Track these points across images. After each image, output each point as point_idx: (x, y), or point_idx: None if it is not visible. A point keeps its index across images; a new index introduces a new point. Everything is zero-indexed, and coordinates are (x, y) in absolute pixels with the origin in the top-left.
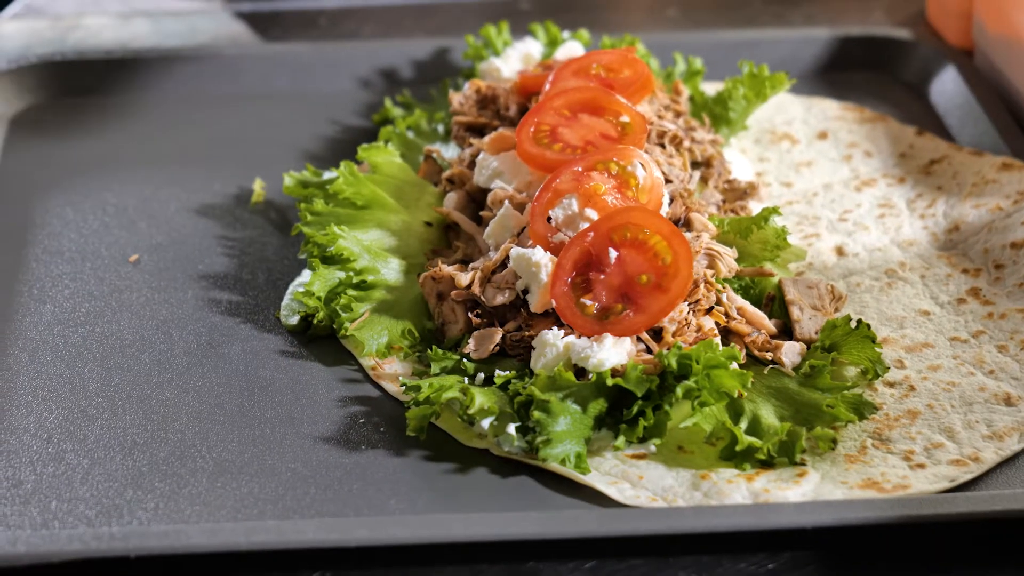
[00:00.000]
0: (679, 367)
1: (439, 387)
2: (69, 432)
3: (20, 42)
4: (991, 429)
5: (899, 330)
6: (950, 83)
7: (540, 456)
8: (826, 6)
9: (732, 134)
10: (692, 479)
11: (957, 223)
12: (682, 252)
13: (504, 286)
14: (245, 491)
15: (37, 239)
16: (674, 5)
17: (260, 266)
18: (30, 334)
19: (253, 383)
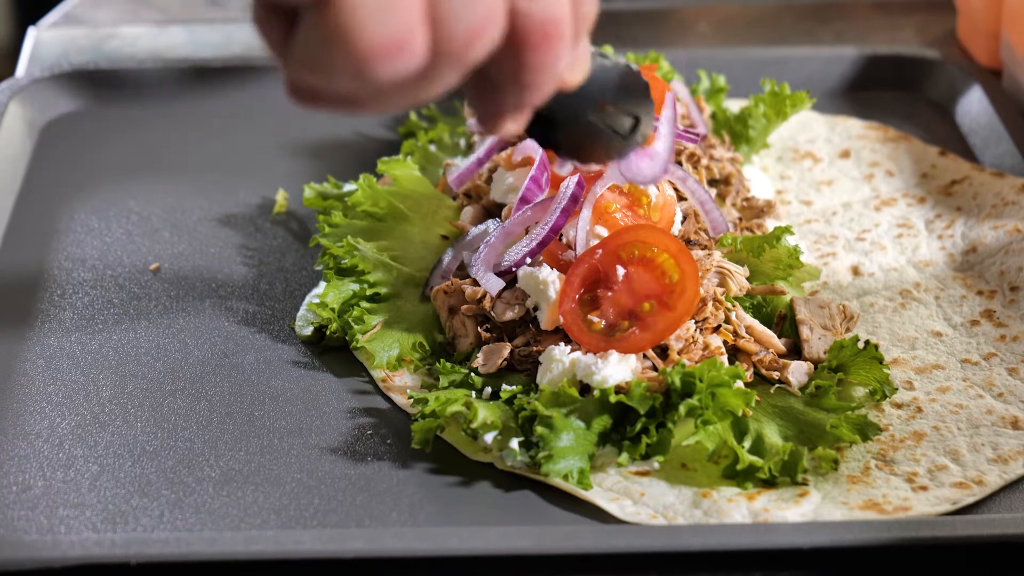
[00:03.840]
0: (683, 385)
1: (445, 400)
2: (80, 438)
3: (56, 50)
4: (996, 452)
5: (910, 351)
6: (976, 103)
7: (543, 471)
8: (856, 23)
9: (753, 152)
10: (693, 497)
11: (975, 244)
12: (689, 270)
13: (514, 302)
14: (250, 500)
15: (61, 245)
16: (705, 21)
17: (278, 276)
18: (48, 340)
19: (264, 393)
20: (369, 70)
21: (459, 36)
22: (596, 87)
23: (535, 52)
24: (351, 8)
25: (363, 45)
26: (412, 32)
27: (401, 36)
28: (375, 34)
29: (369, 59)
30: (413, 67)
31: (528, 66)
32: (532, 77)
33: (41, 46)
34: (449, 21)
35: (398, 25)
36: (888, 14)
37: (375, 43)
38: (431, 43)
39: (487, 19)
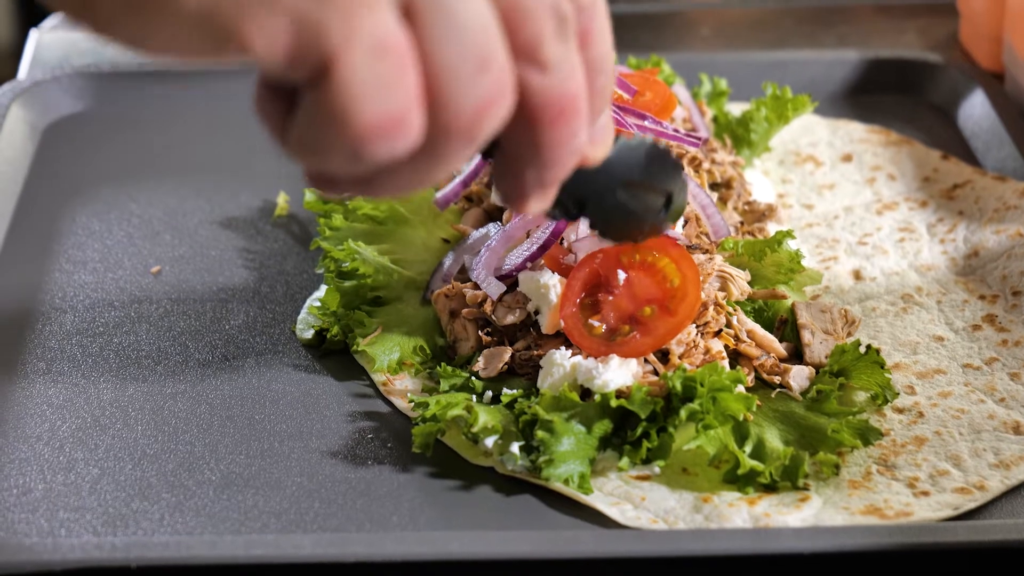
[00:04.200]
0: (684, 389)
1: (446, 404)
2: (81, 441)
3: (58, 52)
4: (998, 457)
5: (912, 355)
6: (978, 107)
7: (543, 476)
8: (859, 27)
9: (754, 155)
10: (694, 501)
11: (977, 248)
12: (690, 275)
13: (515, 306)
14: (250, 504)
15: (62, 248)
16: (708, 25)
17: (279, 279)
18: (49, 343)
19: (265, 396)
20: (365, 149)
21: (463, 113)
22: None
23: (550, 129)
24: (349, 85)
25: (359, 123)
26: (408, 110)
27: (397, 114)
28: (371, 112)
29: (364, 138)
30: (409, 146)
31: (544, 143)
32: (550, 154)
33: (43, 48)
34: (451, 98)
35: (395, 103)
36: (890, 17)
37: (371, 121)
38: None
39: (493, 96)
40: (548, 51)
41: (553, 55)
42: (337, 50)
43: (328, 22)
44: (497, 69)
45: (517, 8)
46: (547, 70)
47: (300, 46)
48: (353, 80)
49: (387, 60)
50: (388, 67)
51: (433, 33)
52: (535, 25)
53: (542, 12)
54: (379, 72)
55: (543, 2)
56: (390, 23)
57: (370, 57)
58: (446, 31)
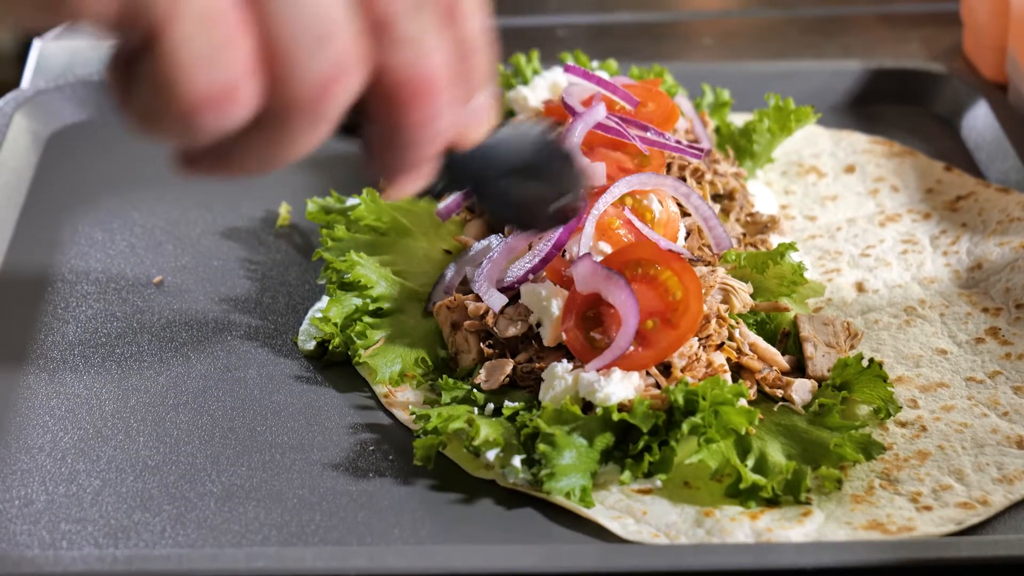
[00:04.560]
0: (686, 403)
1: (447, 417)
2: (83, 452)
3: (62, 61)
4: (1001, 472)
5: (915, 369)
6: (981, 118)
7: (544, 489)
8: (862, 37)
9: (757, 166)
10: (696, 516)
11: (980, 261)
12: (692, 288)
13: (517, 318)
14: (251, 516)
15: (65, 258)
16: (710, 34)
17: (281, 290)
18: (51, 354)
19: (266, 407)
20: (195, 119)
21: (303, 88)
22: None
23: (408, 110)
24: (176, 53)
25: (187, 92)
26: (240, 81)
27: (226, 85)
28: (199, 82)
29: (193, 108)
30: (242, 117)
31: (403, 124)
32: (410, 135)
33: (46, 57)
34: (290, 72)
35: (224, 74)
36: (894, 28)
37: (199, 91)
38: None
39: (335, 71)
40: (403, 27)
41: (408, 32)
42: (165, 17)
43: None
44: (340, 44)
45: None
46: (401, 47)
47: (128, 11)
48: (180, 49)
49: (216, 30)
50: (217, 37)
51: (270, 5)
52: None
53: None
54: (208, 41)
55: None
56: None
57: (199, 26)
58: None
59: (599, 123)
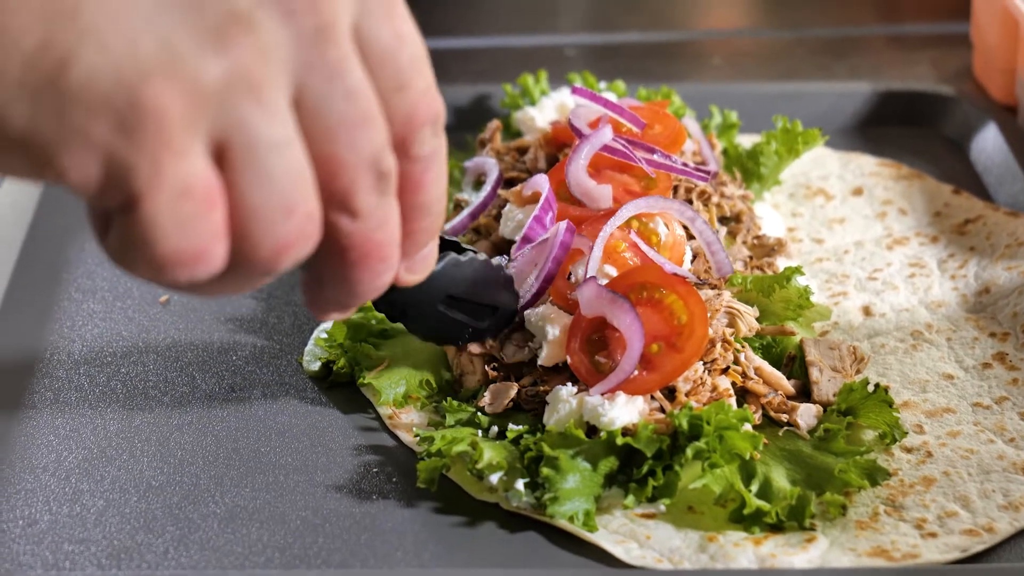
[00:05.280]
0: (690, 428)
1: (451, 440)
2: (87, 472)
3: None
4: (1007, 499)
5: (921, 394)
6: (990, 140)
7: (548, 513)
8: (871, 58)
9: (764, 189)
10: (700, 541)
11: (988, 285)
12: (697, 312)
13: (522, 344)
14: (254, 538)
15: (72, 277)
16: (719, 54)
17: (287, 310)
18: (57, 373)
19: (271, 428)
20: (166, 274)
21: (263, 251)
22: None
23: (355, 269)
24: (152, 222)
25: (159, 254)
26: (212, 245)
27: (200, 249)
28: (173, 246)
29: (165, 267)
30: (211, 274)
31: (347, 278)
32: (351, 287)
33: None
34: (254, 237)
35: (197, 239)
36: (903, 49)
37: (173, 253)
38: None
39: (294, 239)
40: (360, 202)
41: (365, 205)
42: (142, 190)
43: (135, 164)
44: (302, 216)
45: (333, 160)
46: (357, 218)
47: (109, 182)
48: (156, 218)
49: (191, 202)
50: (192, 208)
51: (243, 179)
52: (349, 177)
53: (359, 166)
54: (182, 212)
55: (361, 157)
56: (199, 167)
57: (174, 199)
58: (255, 178)
59: (606, 145)
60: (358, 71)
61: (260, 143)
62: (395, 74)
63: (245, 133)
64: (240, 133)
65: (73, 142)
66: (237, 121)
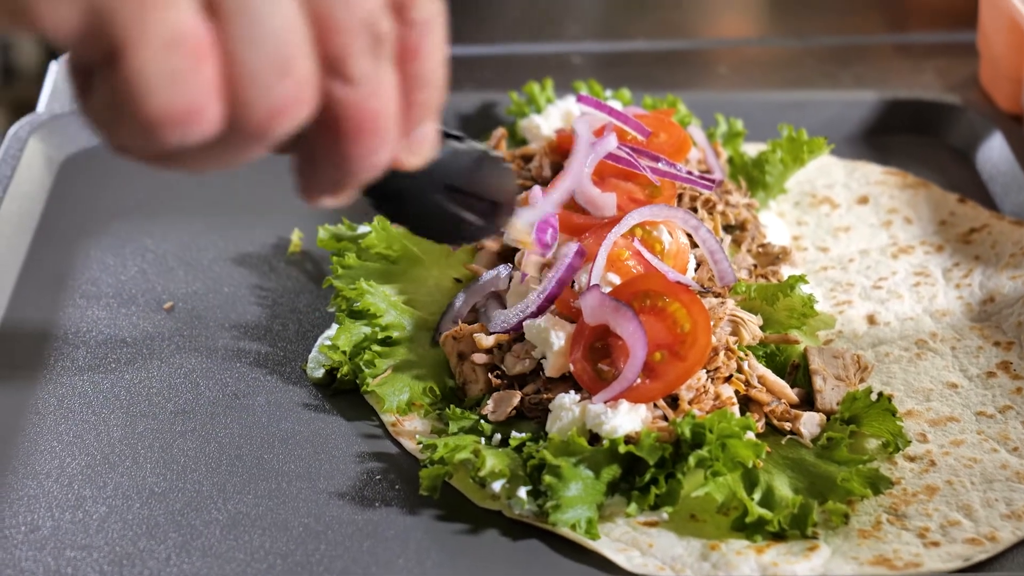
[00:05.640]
0: (693, 436)
1: (454, 447)
2: (90, 479)
3: None
4: (1010, 508)
5: (925, 403)
6: (996, 149)
7: (550, 520)
8: (878, 67)
9: (770, 197)
10: (702, 549)
11: (992, 294)
12: (701, 320)
13: (524, 356)
14: (257, 545)
15: (76, 283)
16: (726, 63)
17: (291, 317)
18: (61, 379)
19: (274, 435)
20: (157, 135)
21: (257, 114)
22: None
23: (350, 142)
24: (139, 76)
25: (149, 111)
26: (204, 104)
27: (191, 107)
28: (163, 102)
29: (156, 125)
30: (204, 135)
31: (342, 153)
32: (347, 164)
33: (63, 81)
34: (247, 98)
35: (189, 96)
36: (909, 58)
37: (163, 111)
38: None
39: (289, 102)
40: (354, 66)
41: (359, 70)
42: (127, 40)
43: (120, 11)
44: (297, 76)
45: (327, 19)
46: (351, 84)
47: (90, 31)
48: (143, 71)
49: (180, 54)
50: (181, 60)
51: (235, 33)
52: (343, 39)
53: (353, 27)
54: (171, 65)
55: (356, 17)
56: (187, 17)
57: (162, 50)
58: (248, 32)
59: (610, 153)
60: None
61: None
62: None
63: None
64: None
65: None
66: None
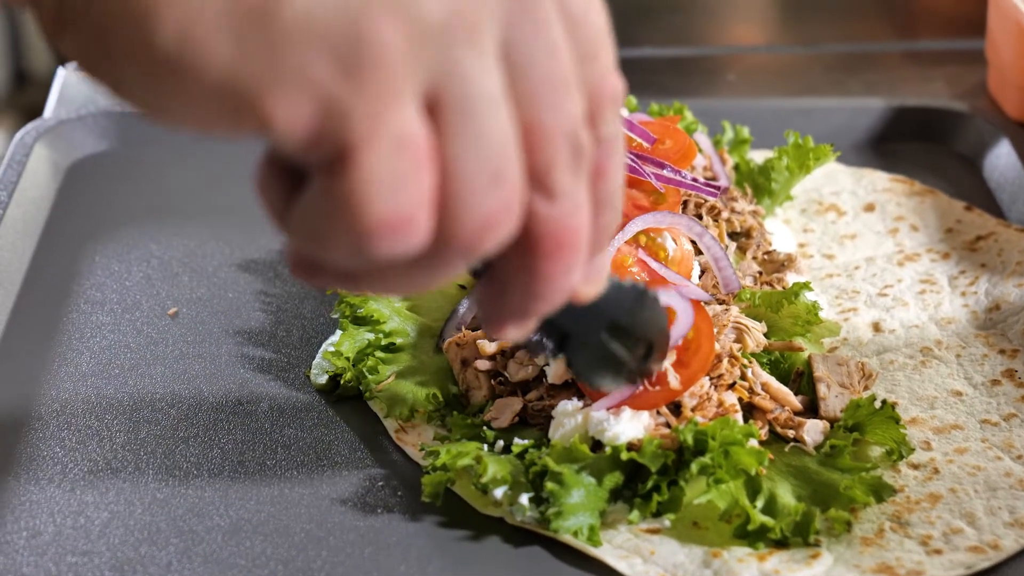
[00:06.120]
0: (695, 443)
1: (456, 453)
2: (92, 484)
3: (85, 91)
4: (1013, 516)
5: (929, 410)
6: (1004, 157)
7: (552, 527)
8: (887, 74)
9: (776, 204)
10: (704, 556)
11: (998, 302)
12: (704, 327)
13: (527, 362)
14: (258, 551)
15: (81, 289)
16: (734, 70)
17: (296, 323)
18: (64, 385)
19: (277, 441)
20: (370, 245)
21: (470, 225)
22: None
23: (546, 261)
24: (366, 178)
25: (369, 217)
26: (419, 211)
27: (408, 214)
28: (383, 208)
29: (372, 233)
30: (414, 247)
31: (537, 274)
32: (540, 286)
33: (70, 87)
34: (462, 207)
35: (407, 203)
36: (919, 65)
37: (381, 218)
38: (437, 227)
39: (501, 212)
40: (559, 179)
41: (563, 185)
42: (360, 140)
43: (355, 110)
44: (510, 185)
45: (536, 128)
46: (554, 199)
47: (323, 130)
48: (371, 173)
49: (406, 157)
50: (406, 164)
51: (456, 137)
52: (550, 150)
53: (559, 137)
54: (397, 168)
55: (562, 127)
56: (414, 119)
57: (391, 152)
58: (469, 137)
59: None
60: (560, 29)
61: (475, 96)
62: (586, 41)
63: (461, 83)
64: (456, 82)
65: (285, 83)
66: (453, 68)
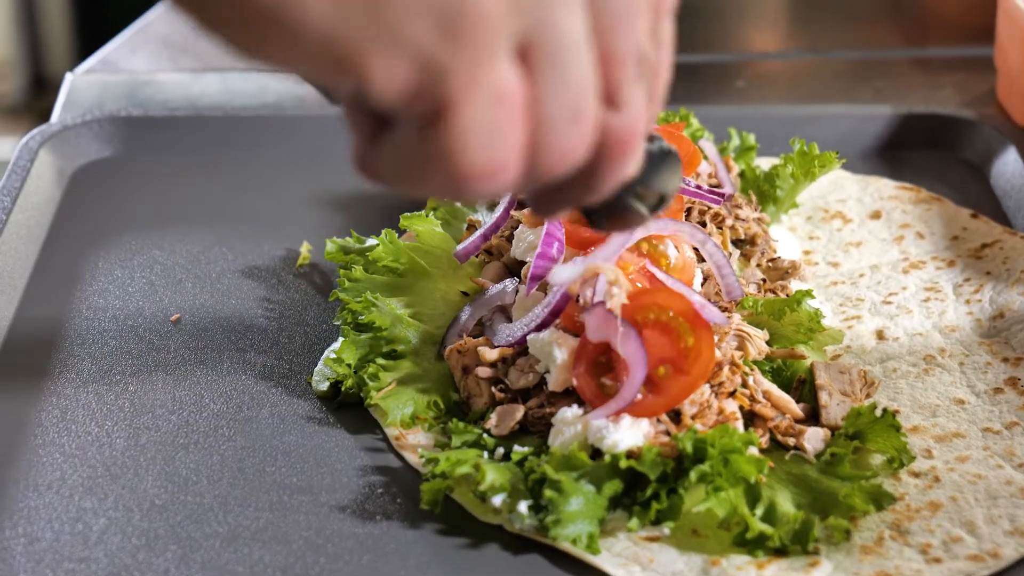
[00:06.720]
0: (695, 451)
1: (455, 461)
2: (90, 490)
3: (91, 96)
4: (1014, 525)
5: (931, 418)
6: (1011, 165)
7: (551, 535)
8: (895, 81)
9: (781, 211)
10: (703, 564)
11: (1002, 310)
12: (705, 335)
13: (527, 369)
14: (256, 558)
15: (84, 294)
16: (744, 76)
17: (298, 330)
18: (65, 391)
19: (277, 448)
20: (465, 190)
21: (548, 160)
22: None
23: (609, 163)
24: (464, 132)
25: (465, 167)
26: (513, 159)
27: (502, 162)
28: (478, 159)
29: (467, 181)
30: (506, 188)
31: (599, 175)
32: (599, 185)
33: (75, 92)
34: (544, 145)
35: (502, 151)
36: (928, 72)
37: (477, 167)
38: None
39: (579, 146)
40: (626, 93)
41: (629, 96)
42: (457, 96)
43: (454, 69)
44: (588, 120)
45: (612, 55)
46: (621, 111)
47: (421, 87)
48: (468, 127)
49: (502, 109)
50: (502, 116)
51: (544, 83)
52: (623, 71)
53: (630, 58)
54: (493, 121)
55: (632, 47)
56: (509, 72)
57: (488, 106)
58: (556, 83)
59: None
60: None
61: (564, 42)
62: None
63: (552, 31)
64: (547, 31)
65: (385, 43)
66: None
